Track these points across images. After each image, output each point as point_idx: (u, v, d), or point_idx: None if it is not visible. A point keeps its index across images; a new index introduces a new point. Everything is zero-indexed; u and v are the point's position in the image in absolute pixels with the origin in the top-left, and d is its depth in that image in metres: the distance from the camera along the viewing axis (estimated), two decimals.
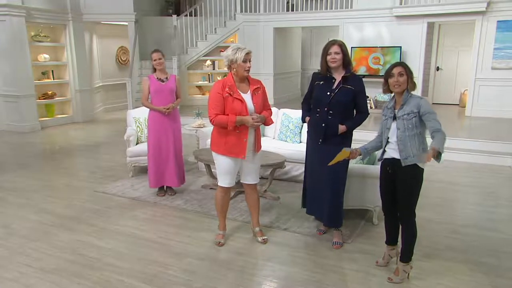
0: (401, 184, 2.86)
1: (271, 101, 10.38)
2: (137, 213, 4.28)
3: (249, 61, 3.25)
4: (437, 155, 2.53)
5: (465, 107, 9.02)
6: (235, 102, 3.24)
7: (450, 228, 3.89)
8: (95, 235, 3.76)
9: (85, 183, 5.34)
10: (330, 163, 3.05)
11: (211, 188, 4.96)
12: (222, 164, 3.42)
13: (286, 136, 5.38)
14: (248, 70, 3.25)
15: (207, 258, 3.36)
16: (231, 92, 3.24)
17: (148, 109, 4.72)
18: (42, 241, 3.66)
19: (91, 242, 3.62)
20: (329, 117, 3.35)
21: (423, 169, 2.84)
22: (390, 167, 2.93)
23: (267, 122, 3.46)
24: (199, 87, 11.03)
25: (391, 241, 3.12)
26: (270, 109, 3.59)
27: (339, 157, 2.99)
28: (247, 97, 3.32)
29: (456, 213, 4.27)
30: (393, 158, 2.89)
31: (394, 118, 2.86)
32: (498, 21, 8.19)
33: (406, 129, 2.77)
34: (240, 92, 3.29)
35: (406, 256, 2.95)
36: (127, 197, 4.75)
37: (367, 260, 3.27)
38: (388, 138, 2.91)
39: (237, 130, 3.29)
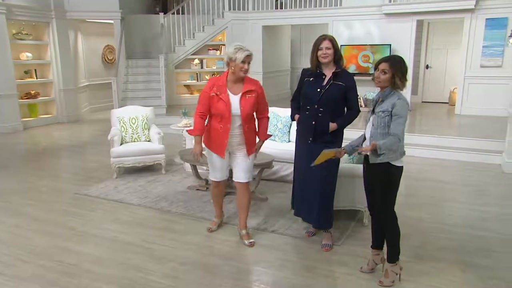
0: (374, 182, 2.77)
1: None
2: (119, 216, 4.13)
3: (248, 64, 3.22)
4: (373, 152, 2.61)
5: (454, 105, 9.00)
6: (219, 103, 3.24)
7: (440, 228, 3.81)
8: (75, 240, 3.59)
9: (68, 185, 5.17)
10: (313, 164, 2.92)
11: (197, 189, 4.82)
12: (211, 159, 3.48)
13: (274, 136, 5.25)
14: (245, 72, 3.22)
15: (191, 262, 3.22)
16: (218, 92, 3.24)
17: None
18: (18, 246, 3.48)
19: (70, 248, 3.45)
20: (319, 114, 3.25)
21: (399, 167, 2.71)
22: (365, 163, 2.84)
23: (261, 136, 3.49)
24: (187, 86, 10.85)
25: (376, 244, 2.99)
26: (266, 116, 3.48)
27: (322, 158, 2.85)
28: (235, 99, 3.26)
29: (447, 212, 4.20)
30: (367, 155, 2.78)
31: (373, 112, 2.76)
32: (486, 19, 8.17)
33: (379, 127, 2.68)
34: (230, 93, 3.26)
35: (392, 256, 2.84)
36: (109, 199, 4.58)
37: (357, 263, 3.15)
38: (365, 132, 2.83)
39: (220, 129, 3.28)
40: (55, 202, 4.53)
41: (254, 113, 3.44)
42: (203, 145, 3.42)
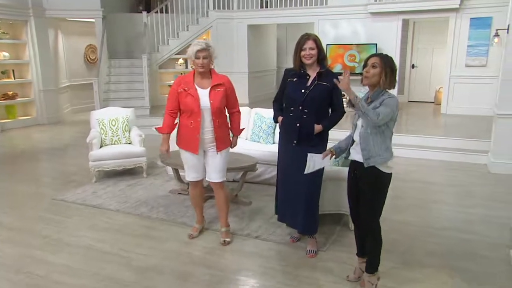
0: (363, 188, 2.63)
1: (245, 100, 10.13)
2: (96, 223, 3.95)
3: (203, 58, 3.17)
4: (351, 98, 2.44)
5: (440, 104, 9.00)
6: (187, 98, 3.21)
7: (428, 232, 3.72)
8: (47, 249, 3.41)
9: (45, 190, 4.96)
10: (306, 172, 2.85)
11: (179, 193, 4.66)
12: (184, 159, 3.42)
13: (258, 137, 5.13)
14: (202, 67, 3.19)
15: (169, 272, 3.07)
16: (186, 88, 3.22)
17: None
18: None
19: (41, 258, 3.26)
20: (304, 116, 3.13)
21: (389, 174, 2.60)
22: (354, 169, 2.71)
23: (234, 132, 3.48)
24: (172, 86, 10.65)
25: (361, 252, 2.86)
26: (237, 110, 3.46)
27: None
28: (204, 93, 3.22)
29: (434, 215, 4.12)
30: (355, 160, 2.66)
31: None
32: (471, 18, 8.18)
33: (368, 126, 2.53)
34: (198, 87, 3.24)
35: (371, 266, 2.72)
36: (87, 204, 4.40)
37: (343, 270, 3.04)
38: (353, 136, 2.69)
39: (191, 125, 3.23)
40: (29, 208, 4.32)
41: (226, 110, 3.41)
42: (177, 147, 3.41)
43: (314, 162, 2.86)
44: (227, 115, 3.46)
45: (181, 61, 10.48)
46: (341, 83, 2.49)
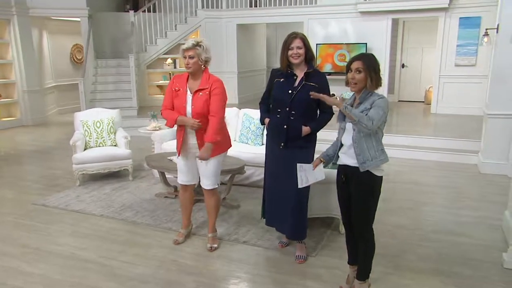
0: (355, 193, 2.53)
1: (235, 100, 10.02)
2: (79, 229, 3.81)
3: (189, 58, 3.04)
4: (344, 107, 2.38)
5: (430, 104, 8.99)
6: (176, 99, 3.17)
7: (420, 235, 3.64)
8: (25, 259, 3.25)
9: (25, 194, 4.78)
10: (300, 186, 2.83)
11: (165, 197, 4.54)
12: (177, 160, 3.39)
13: (247, 138, 5.03)
14: (188, 67, 3.08)
15: (154, 280, 2.95)
16: (177, 88, 3.17)
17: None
18: None
19: (19, 268, 3.11)
20: (291, 117, 3.03)
21: (380, 177, 2.51)
22: (343, 174, 2.61)
23: (206, 137, 3.07)
24: (160, 86, 10.50)
25: (353, 260, 2.76)
26: (216, 115, 3.07)
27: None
28: (190, 96, 3.14)
29: (425, 217, 4.05)
30: (346, 165, 2.56)
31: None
32: (460, 18, 8.18)
33: (360, 129, 2.42)
34: (188, 89, 3.16)
35: (363, 273, 2.63)
36: (70, 209, 4.25)
37: (333, 276, 2.96)
38: (341, 140, 2.59)
39: (178, 127, 3.22)
40: (7, 215, 4.15)
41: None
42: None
43: (305, 172, 2.78)
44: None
45: (169, 61, 10.32)
46: (328, 101, 2.51)
